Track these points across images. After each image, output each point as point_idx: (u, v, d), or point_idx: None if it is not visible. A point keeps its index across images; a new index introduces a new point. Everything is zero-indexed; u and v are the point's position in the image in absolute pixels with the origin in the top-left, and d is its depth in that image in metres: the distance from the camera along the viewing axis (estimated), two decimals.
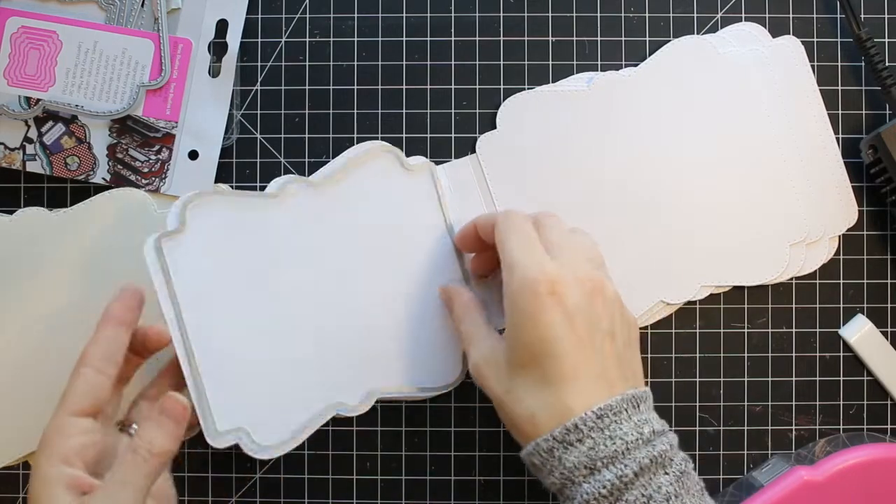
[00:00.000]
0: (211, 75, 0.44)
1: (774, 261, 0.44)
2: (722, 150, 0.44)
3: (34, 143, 0.44)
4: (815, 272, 0.45)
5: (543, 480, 0.35)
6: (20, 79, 0.44)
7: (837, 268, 0.45)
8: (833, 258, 0.45)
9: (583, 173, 0.44)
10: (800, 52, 0.45)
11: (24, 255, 0.44)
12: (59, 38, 0.44)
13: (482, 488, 0.45)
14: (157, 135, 0.44)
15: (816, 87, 0.45)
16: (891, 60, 0.45)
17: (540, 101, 0.45)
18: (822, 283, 0.45)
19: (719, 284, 0.44)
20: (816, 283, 0.45)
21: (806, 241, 0.44)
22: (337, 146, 0.45)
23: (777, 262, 0.44)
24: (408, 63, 0.46)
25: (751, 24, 0.45)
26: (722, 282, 0.44)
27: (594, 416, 0.33)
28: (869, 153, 0.43)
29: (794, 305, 0.45)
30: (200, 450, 0.45)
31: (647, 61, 0.45)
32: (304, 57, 0.45)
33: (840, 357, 0.45)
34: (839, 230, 0.45)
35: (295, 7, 0.45)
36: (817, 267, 0.45)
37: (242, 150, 0.45)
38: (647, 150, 0.44)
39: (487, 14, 0.46)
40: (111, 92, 0.44)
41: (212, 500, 0.45)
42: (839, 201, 0.45)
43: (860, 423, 0.45)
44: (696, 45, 0.45)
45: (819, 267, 0.45)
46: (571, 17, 0.46)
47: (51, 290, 0.44)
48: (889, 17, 0.45)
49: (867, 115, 0.45)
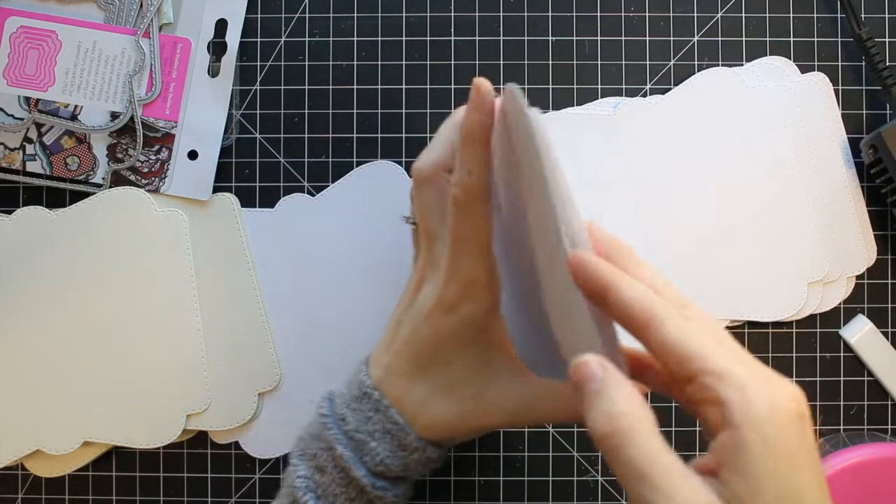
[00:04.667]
0: (210, 75, 0.44)
1: (791, 299, 0.44)
2: (743, 184, 0.44)
3: (34, 143, 0.44)
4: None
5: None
6: (20, 79, 0.44)
7: None
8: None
9: (600, 199, 0.44)
10: (827, 89, 0.45)
11: (24, 255, 0.44)
12: (59, 37, 0.44)
13: (482, 488, 0.45)
14: (157, 135, 0.44)
15: (842, 125, 0.45)
16: (891, 60, 0.45)
17: (564, 122, 0.44)
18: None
19: (735, 319, 0.44)
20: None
21: (824, 281, 0.44)
22: (336, 146, 0.45)
23: (794, 300, 0.44)
24: (407, 63, 0.45)
25: (779, 59, 0.45)
26: (738, 316, 0.44)
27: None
28: (869, 153, 0.43)
29: None
30: (200, 450, 0.45)
31: (674, 90, 0.45)
32: (304, 57, 0.45)
33: (840, 357, 0.45)
34: (857, 270, 0.45)
35: (294, 7, 0.45)
36: (834, 306, 0.45)
37: (242, 150, 0.45)
38: (668, 180, 0.44)
39: (487, 14, 0.45)
40: (110, 92, 0.44)
41: (211, 501, 0.45)
42: (859, 241, 0.45)
43: (860, 424, 0.45)
44: (725, 77, 0.44)
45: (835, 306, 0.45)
46: (571, 16, 0.45)
47: (50, 290, 0.44)
48: (889, 16, 0.45)
49: (867, 115, 0.45)
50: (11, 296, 0.44)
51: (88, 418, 0.43)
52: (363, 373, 0.36)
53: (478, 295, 0.33)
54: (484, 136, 0.32)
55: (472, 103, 0.32)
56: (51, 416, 0.43)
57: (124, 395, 0.43)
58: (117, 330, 0.44)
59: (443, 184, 0.34)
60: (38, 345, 0.43)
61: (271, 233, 0.45)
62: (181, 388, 0.43)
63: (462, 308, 0.33)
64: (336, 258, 0.44)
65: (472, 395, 0.34)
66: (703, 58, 0.45)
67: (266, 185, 0.45)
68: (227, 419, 0.44)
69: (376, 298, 0.44)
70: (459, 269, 0.33)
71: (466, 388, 0.35)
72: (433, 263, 0.34)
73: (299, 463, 0.36)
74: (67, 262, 0.44)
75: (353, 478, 0.34)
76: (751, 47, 0.45)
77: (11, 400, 0.43)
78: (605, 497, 0.45)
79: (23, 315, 0.44)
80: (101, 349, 0.43)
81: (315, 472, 0.35)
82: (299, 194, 0.45)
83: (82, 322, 0.44)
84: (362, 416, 0.35)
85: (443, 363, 0.34)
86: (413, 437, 0.34)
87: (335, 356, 0.44)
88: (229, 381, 0.44)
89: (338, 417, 0.35)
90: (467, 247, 0.32)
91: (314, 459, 0.35)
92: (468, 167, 0.32)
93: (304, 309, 0.44)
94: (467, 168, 0.32)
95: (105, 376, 0.43)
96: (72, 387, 0.43)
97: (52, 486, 0.45)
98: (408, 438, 0.34)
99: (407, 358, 0.35)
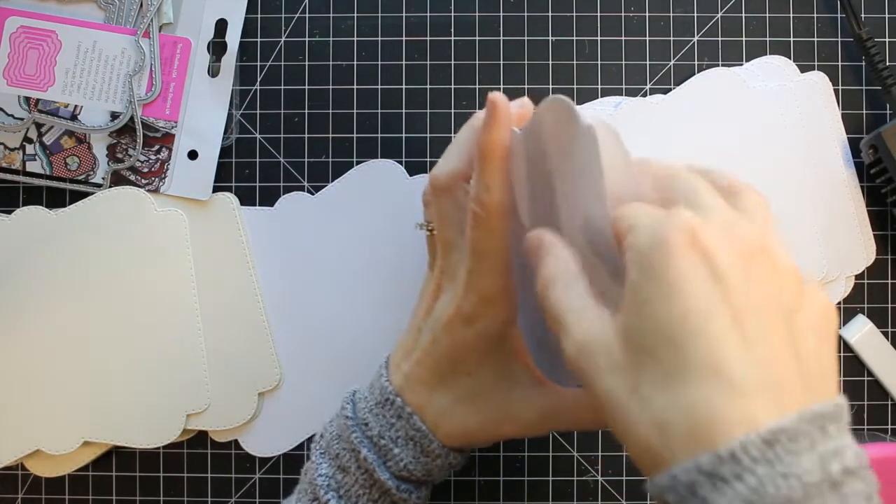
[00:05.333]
0: (210, 75, 0.44)
1: None
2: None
3: (34, 143, 0.44)
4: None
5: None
6: (19, 79, 0.44)
7: None
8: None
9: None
10: (827, 88, 0.45)
11: (24, 255, 0.44)
12: (59, 37, 0.43)
13: (482, 488, 0.45)
14: (157, 135, 0.44)
15: (842, 125, 0.45)
16: (891, 60, 0.45)
17: None
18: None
19: None
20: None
21: (823, 281, 0.44)
22: (336, 146, 0.45)
23: None
24: (407, 63, 0.45)
25: (779, 58, 0.45)
26: None
27: (760, 440, 0.22)
28: (869, 153, 0.43)
29: None
30: (200, 450, 0.45)
31: (675, 90, 0.45)
32: (304, 57, 0.45)
33: (840, 357, 0.45)
34: (856, 270, 0.45)
35: (294, 7, 0.45)
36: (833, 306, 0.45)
37: (242, 150, 0.45)
38: None
39: (487, 14, 0.45)
40: (110, 92, 0.44)
41: (211, 500, 0.45)
42: (858, 241, 0.44)
43: (860, 424, 0.45)
44: (726, 77, 0.44)
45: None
46: (571, 16, 0.45)
47: (50, 290, 0.44)
48: (889, 16, 0.45)
49: (867, 115, 0.45)
50: (11, 296, 0.44)
51: (88, 418, 0.43)
52: (384, 377, 0.36)
53: (496, 308, 0.33)
54: (502, 152, 0.32)
55: (488, 120, 0.31)
56: (51, 416, 0.43)
57: (124, 395, 0.43)
58: (117, 330, 0.44)
59: (460, 194, 0.34)
60: (38, 344, 0.43)
61: (271, 232, 0.45)
62: (181, 388, 0.43)
63: (480, 321, 0.33)
64: (336, 257, 0.44)
65: (493, 405, 0.34)
66: (703, 58, 0.45)
67: (266, 185, 0.45)
68: (227, 419, 0.44)
69: (376, 297, 0.44)
70: (478, 283, 0.33)
71: (488, 399, 0.35)
72: (450, 273, 0.34)
73: (321, 461, 0.36)
74: (67, 263, 0.44)
75: (377, 479, 0.34)
76: (751, 47, 0.45)
77: (11, 400, 0.43)
78: (605, 497, 0.45)
79: (22, 315, 0.44)
80: (100, 349, 0.43)
81: (337, 472, 0.35)
82: (299, 193, 0.45)
83: (82, 322, 0.44)
84: (385, 423, 0.35)
85: (463, 373, 0.34)
86: (436, 444, 0.34)
87: (335, 355, 0.44)
88: (229, 381, 0.44)
89: (361, 421, 0.35)
90: (486, 262, 0.32)
91: (337, 459, 0.35)
92: (486, 183, 0.32)
93: (305, 308, 0.44)
94: (486, 184, 0.32)
95: (105, 376, 0.43)
96: (72, 387, 0.43)
97: (52, 486, 0.45)
98: (431, 446, 0.34)
99: (427, 367, 0.35)
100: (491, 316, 0.33)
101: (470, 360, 0.34)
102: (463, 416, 0.34)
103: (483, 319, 0.33)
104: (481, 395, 0.34)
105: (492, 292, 0.33)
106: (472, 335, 0.33)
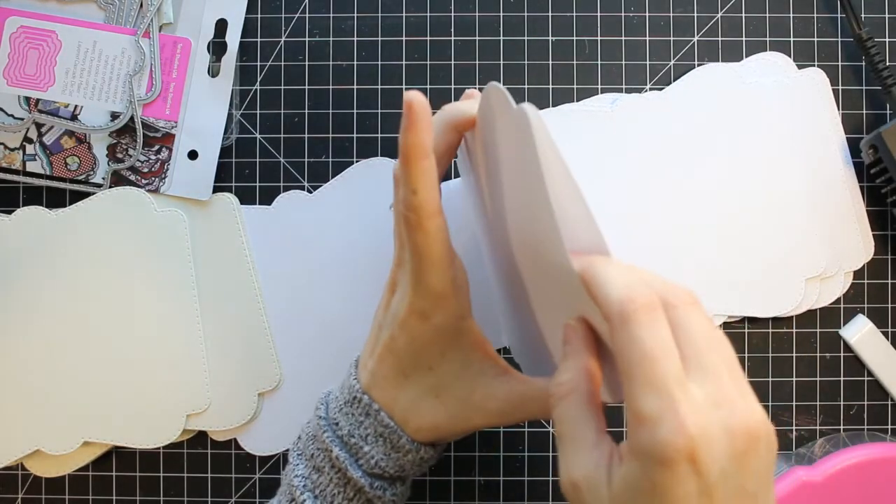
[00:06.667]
0: (210, 75, 0.44)
1: (789, 294, 0.44)
2: (740, 180, 0.44)
3: (34, 143, 0.44)
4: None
5: None
6: (20, 79, 0.44)
7: None
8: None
9: (597, 195, 0.44)
10: (824, 84, 0.45)
11: (24, 255, 0.44)
12: (59, 37, 0.44)
13: (482, 488, 0.45)
14: (157, 135, 0.44)
15: (839, 120, 0.45)
16: (891, 60, 0.45)
17: (561, 118, 0.44)
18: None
19: (732, 314, 0.44)
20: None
21: (822, 277, 0.44)
22: (336, 146, 0.45)
23: (792, 295, 0.44)
24: (407, 63, 0.45)
25: (776, 54, 0.45)
26: (735, 312, 0.44)
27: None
28: (869, 153, 0.43)
29: None
30: (200, 450, 0.45)
31: (671, 86, 0.45)
32: (304, 57, 0.45)
33: (840, 357, 0.45)
34: (855, 266, 0.45)
35: (294, 7, 0.45)
36: (831, 302, 0.45)
37: (242, 150, 0.45)
38: (665, 176, 0.44)
39: (487, 14, 0.45)
40: (110, 92, 0.44)
41: (211, 500, 0.45)
42: (857, 236, 0.44)
43: (860, 424, 0.45)
44: (722, 73, 0.44)
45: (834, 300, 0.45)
46: (571, 16, 0.45)
47: (50, 290, 0.44)
48: (889, 16, 0.45)
49: (867, 115, 0.45)
50: (11, 296, 0.44)
51: (88, 418, 0.43)
52: (353, 376, 0.36)
53: (447, 305, 0.33)
54: (424, 153, 0.31)
55: (404, 122, 0.31)
56: (51, 417, 0.43)
57: (124, 395, 0.43)
58: (117, 330, 0.44)
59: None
60: (39, 345, 0.43)
61: (268, 230, 0.45)
62: (181, 388, 0.43)
63: (434, 317, 0.33)
64: (335, 256, 0.44)
65: (458, 398, 0.35)
66: (703, 58, 0.45)
67: (266, 185, 0.45)
68: (227, 419, 0.44)
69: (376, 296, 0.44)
70: (424, 282, 0.33)
71: (452, 392, 0.35)
72: (404, 267, 0.34)
73: (298, 462, 0.36)
74: (67, 263, 0.44)
75: (350, 478, 0.34)
76: (751, 47, 0.45)
77: (11, 400, 0.43)
78: None
79: (23, 315, 0.44)
80: (100, 349, 0.43)
81: (313, 472, 0.35)
82: (296, 191, 0.45)
83: (82, 322, 0.44)
84: (354, 421, 0.35)
85: (425, 368, 0.34)
86: (405, 439, 0.35)
87: (335, 355, 0.44)
88: (229, 381, 0.44)
89: (332, 421, 0.35)
90: (427, 261, 0.32)
91: (312, 459, 0.36)
92: (412, 186, 0.31)
93: (305, 308, 0.44)
94: (412, 187, 0.31)
95: (105, 376, 0.43)
96: (72, 387, 0.43)
97: (52, 486, 0.45)
98: (400, 441, 0.35)
99: (389, 364, 0.35)
100: (443, 312, 0.33)
101: (430, 355, 0.34)
102: (430, 410, 0.35)
103: (436, 316, 0.33)
104: (445, 389, 0.35)
105: (438, 289, 0.33)
106: (428, 330, 0.34)
